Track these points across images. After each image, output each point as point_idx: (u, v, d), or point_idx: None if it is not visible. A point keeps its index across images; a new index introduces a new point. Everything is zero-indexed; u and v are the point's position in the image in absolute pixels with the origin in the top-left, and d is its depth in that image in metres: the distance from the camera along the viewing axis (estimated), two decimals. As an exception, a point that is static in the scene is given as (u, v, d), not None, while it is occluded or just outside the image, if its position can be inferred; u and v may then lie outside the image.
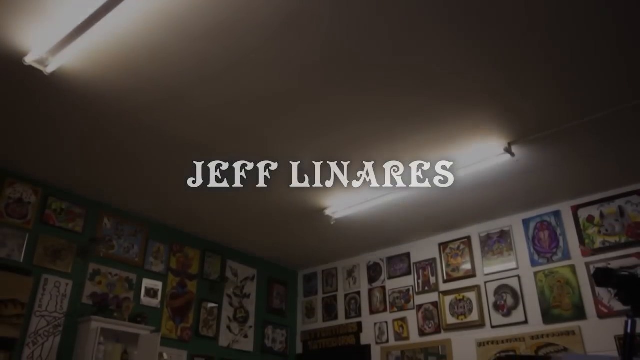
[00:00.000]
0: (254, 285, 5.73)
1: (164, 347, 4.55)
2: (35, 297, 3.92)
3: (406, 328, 5.12)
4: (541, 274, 4.41)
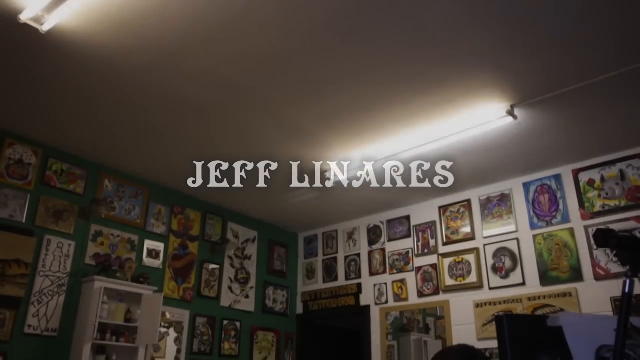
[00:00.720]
0: (255, 247, 5.79)
1: (166, 306, 4.64)
2: (38, 257, 3.97)
3: (405, 289, 5.20)
4: (540, 237, 4.45)
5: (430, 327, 5.10)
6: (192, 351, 4.85)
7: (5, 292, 3.71)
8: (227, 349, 5.17)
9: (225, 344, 5.16)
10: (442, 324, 4.88)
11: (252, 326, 5.46)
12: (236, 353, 5.24)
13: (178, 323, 4.83)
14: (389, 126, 3.91)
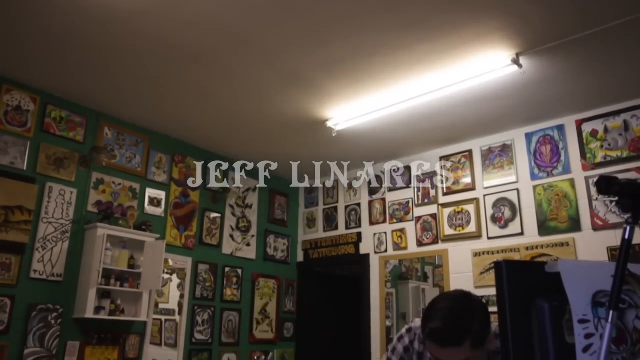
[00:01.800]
0: (256, 196, 5.82)
1: (169, 253, 4.71)
2: (41, 204, 3.99)
3: (405, 238, 5.26)
4: (540, 187, 4.46)
5: (428, 275, 5.20)
6: (194, 297, 4.96)
7: (9, 238, 3.76)
8: (229, 295, 5.28)
9: (227, 290, 5.28)
10: (440, 272, 4.96)
11: (253, 273, 5.56)
12: (238, 299, 5.36)
13: (181, 270, 4.92)
14: (391, 74, 3.84)
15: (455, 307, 1.65)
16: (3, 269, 3.71)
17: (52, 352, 3.86)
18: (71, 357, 3.97)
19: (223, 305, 5.20)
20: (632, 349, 1.05)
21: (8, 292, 3.73)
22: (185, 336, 4.81)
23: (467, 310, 1.65)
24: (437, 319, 1.62)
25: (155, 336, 4.61)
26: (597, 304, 1.07)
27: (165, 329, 4.71)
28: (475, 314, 1.64)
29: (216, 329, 5.09)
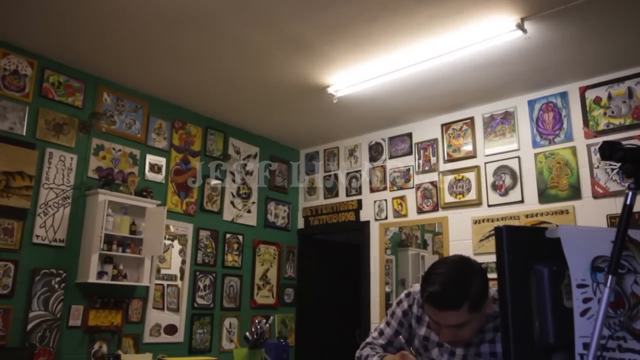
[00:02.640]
0: (257, 163, 5.82)
1: (170, 220, 4.74)
2: (41, 170, 3.99)
3: (405, 206, 5.28)
4: (541, 155, 4.44)
5: (428, 242, 5.23)
6: (196, 262, 5.02)
7: (11, 203, 3.78)
8: (230, 260, 5.34)
9: (228, 256, 5.32)
10: (439, 239, 5.00)
11: (254, 240, 5.61)
12: (239, 265, 5.41)
13: (182, 236, 4.95)
14: (392, 39, 3.78)
15: (454, 271, 1.67)
16: (6, 234, 3.74)
17: (57, 315, 3.92)
18: (75, 320, 4.04)
19: (224, 270, 5.26)
20: (629, 313, 1.06)
21: (11, 257, 3.76)
22: (187, 301, 4.88)
23: (465, 274, 1.67)
24: (436, 282, 1.64)
25: (158, 301, 4.68)
26: (596, 269, 1.08)
27: (168, 294, 4.77)
28: (474, 278, 1.66)
29: (217, 294, 5.16)
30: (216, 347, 5.05)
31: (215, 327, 5.08)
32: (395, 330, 1.97)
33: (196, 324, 4.92)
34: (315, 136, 5.91)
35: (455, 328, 1.67)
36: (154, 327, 4.59)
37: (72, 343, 4.01)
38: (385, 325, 2.02)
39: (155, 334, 4.58)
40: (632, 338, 1.05)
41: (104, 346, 4.19)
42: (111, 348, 4.22)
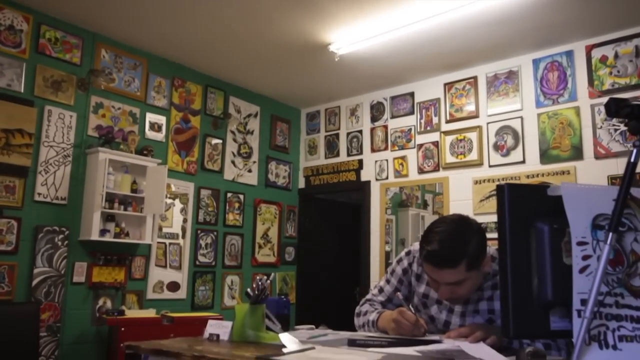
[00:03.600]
0: (257, 122, 5.78)
1: (171, 179, 4.75)
2: (41, 127, 3.97)
3: (406, 166, 5.27)
4: (544, 115, 4.41)
5: (428, 202, 5.25)
6: (197, 221, 5.05)
7: (11, 160, 3.77)
8: (232, 219, 5.37)
9: (230, 215, 5.36)
10: (440, 199, 5.02)
11: (255, 199, 5.63)
12: (240, 224, 5.45)
13: (183, 195, 4.97)
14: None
15: (453, 230, 1.68)
16: (7, 192, 3.76)
17: (61, 271, 3.98)
18: (79, 277, 4.10)
19: (225, 229, 5.31)
20: (627, 270, 1.07)
21: (14, 214, 3.79)
22: (189, 259, 4.94)
23: (463, 233, 1.68)
24: (434, 241, 1.66)
25: (160, 259, 4.74)
26: (596, 226, 1.08)
27: (170, 252, 4.83)
28: (472, 236, 1.67)
29: (219, 252, 5.22)
30: (218, 303, 5.15)
31: (217, 285, 5.17)
32: (395, 288, 2.00)
33: (198, 281, 4.99)
34: (316, 95, 5.85)
35: (453, 285, 1.69)
36: (157, 284, 4.66)
37: (77, 298, 4.08)
38: (385, 282, 2.05)
39: (158, 291, 4.66)
40: (629, 294, 1.06)
41: (108, 302, 4.27)
42: (115, 304, 4.31)
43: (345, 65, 4.84)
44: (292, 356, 1.28)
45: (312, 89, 5.63)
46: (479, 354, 1.33)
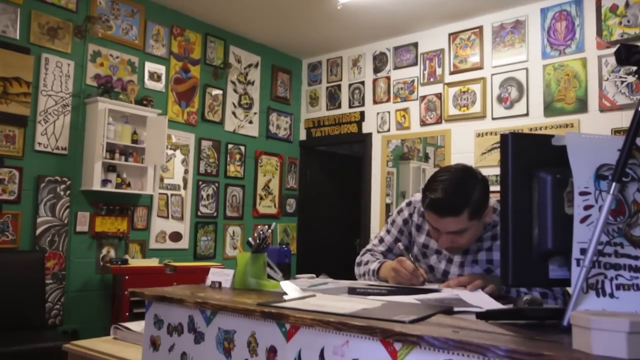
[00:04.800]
0: (258, 73, 5.69)
1: (171, 129, 4.72)
2: (38, 76, 3.91)
3: (408, 118, 5.23)
4: (550, 66, 4.33)
5: (429, 155, 5.24)
6: (199, 172, 5.06)
7: (10, 110, 3.74)
8: (233, 171, 5.38)
9: (231, 166, 5.36)
10: (441, 152, 5.00)
11: (256, 150, 5.62)
12: (241, 175, 5.46)
13: (184, 146, 4.95)
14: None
15: (456, 178, 1.68)
16: (7, 141, 3.74)
17: (64, 221, 4.01)
18: (82, 226, 4.14)
19: (227, 181, 5.32)
20: (629, 220, 1.06)
21: (15, 164, 3.79)
22: (191, 210, 4.98)
23: (467, 182, 1.68)
24: (437, 189, 1.65)
25: (162, 209, 4.77)
26: (600, 176, 1.07)
27: (172, 203, 4.85)
28: (476, 186, 1.67)
29: (221, 203, 5.25)
30: (220, 253, 5.22)
31: (219, 235, 5.22)
32: (395, 238, 2.01)
33: (200, 232, 5.05)
34: (318, 45, 5.73)
35: (454, 235, 1.70)
36: (159, 234, 4.71)
37: (81, 248, 4.14)
38: (386, 233, 2.07)
39: (160, 241, 4.71)
40: (629, 244, 1.06)
41: (112, 251, 4.33)
42: (119, 253, 4.37)
43: (348, 13, 4.72)
44: (292, 303, 1.30)
45: (314, 38, 5.51)
46: (477, 302, 1.35)
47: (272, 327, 1.22)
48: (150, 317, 1.55)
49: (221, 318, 1.34)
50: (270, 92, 5.82)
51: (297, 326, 1.17)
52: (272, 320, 1.22)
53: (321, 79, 6.00)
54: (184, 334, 1.44)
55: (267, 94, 5.78)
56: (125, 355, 1.81)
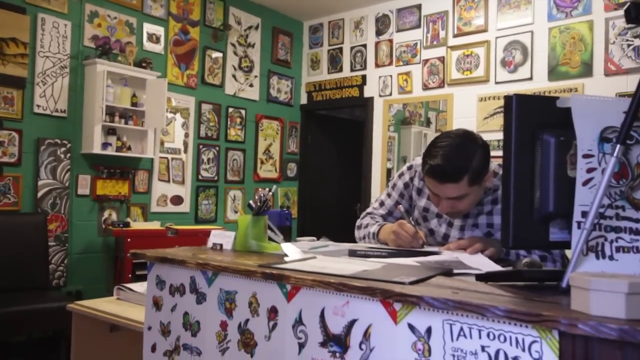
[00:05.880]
0: (259, 35, 5.60)
1: (171, 92, 4.67)
2: (35, 37, 3.85)
3: (410, 82, 5.17)
4: (556, 29, 4.25)
5: (431, 120, 5.21)
6: (199, 136, 5.04)
7: (7, 71, 3.70)
8: (233, 135, 5.36)
9: (231, 130, 5.33)
10: (443, 117, 4.96)
11: (256, 114, 5.58)
12: (242, 139, 5.44)
13: (184, 109, 4.92)
14: None
15: (457, 144, 1.66)
16: (6, 103, 3.71)
17: (65, 184, 4.02)
18: (84, 189, 4.15)
19: (227, 145, 5.30)
20: (631, 183, 1.06)
21: (15, 126, 3.77)
22: (192, 173, 4.98)
23: (467, 147, 1.66)
24: (437, 155, 1.64)
25: (163, 173, 4.77)
26: (604, 139, 1.06)
27: (172, 167, 4.85)
28: (476, 151, 1.66)
29: (221, 167, 5.24)
30: (221, 217, 5.25)
31: (220, 199, 5.24)
32: (396, 202, 2.01)
33: (201, 196, 5.06)
34: (319, 7, 5.61)
35: (454, 200, 1.70)
36: (161, 198, 4.73)
37: (83, 210, 4.16)
38: (386, 196, 2.07)
39: (162, 204, 4.73)
40: (630, 207, 1.06)
41: (114, 214, 4.35)
42: (120, 216, 4.39)
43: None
44: (293, 264, 1.31)
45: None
46: (476, 265, 1.36)
47: (273, 288, 1.23)
48: (153, 278, 1.56)
49: (222, 279, 1.36)
50: (271, 55, 5.74)
51: (297, 287, 1.18)
52: (273, 281, 1.23)
53: (322, 41, 5.91)
54: (186, 294, 1.45)
55: (267, 56, 5.70)
56: (128, 315, 1.84)
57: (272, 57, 5.75)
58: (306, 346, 1.16)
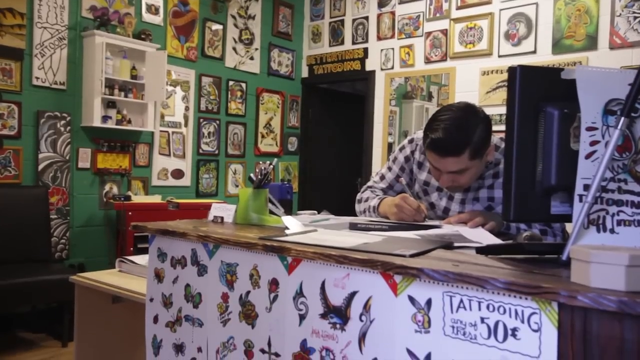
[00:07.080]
0: (259, 7, 5.52)
1: (171, 65, 4.63)
2: (32, 7, 3.80)
3: (412, 55, 5.11)
4: (561, 2, 4.18)
5: (433, 95, 5.16)
6: (199, 110, 5.01)
7: (5, 42, 3.66)
8: (234, 108, 5.32)
9: (232, 103, 5.30)
10: (445, 91, 4.92)
11: (257, 88, 5.53)
12: (242, 113, 5.41)
13: (184, 82, 4.88)
14: None
15: (458, 118, 1.65)
16: (4, 75, 3.68)
17: (66, 157, 4.02)
18: (84, 162, 4.14)
19: (228, 118, 5.28)
20: (634, 156, 1.05)
21: (14, 99, 3.75)
22: (192, 147, 4.96)
23: (468, 121, 1.65)
24: (438, 129, 1.63)
25: (164, 147, 4.76)
26: (608, 112, 1.05)
27: (173, 141, 4.84)
28: (477, 125, 1.64)
29: (222, 141, 5.23)
30: (222, 191, 5.26)
31: (221, 173, 5.24)
32: (397, 175, 2.01)
33: (202, 169, 5.06)
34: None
35: (455, 174, 1.69)
36: (161, 171, 4.73)
37: (84, 184, 4.16)
38: (387, 170, 2.06)
39: (163, 178, 4.74)
40: (632, 180, 1.05)
41: (115, 187, 4.36)
42: (121, 189, 4.40)
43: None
44: (294, 237, 1.31)
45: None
46: (477, 238, 1.37)
47: (274, 260, 1.24)
48: (154, 250, 1.57)
49: (224, 251, 1.36)
50: (272, 28, 5.66)
51: (298, 259, 1.19)
52: (274, 253, 1.23)
53: (324, 13, 5.82)
54: (187, 266, 1.46)
55: (268, 29, 5.62)
56: (130, 287, 1.86)
57: (273, 30, 5.68)
58: (307, 318, 1.17)
